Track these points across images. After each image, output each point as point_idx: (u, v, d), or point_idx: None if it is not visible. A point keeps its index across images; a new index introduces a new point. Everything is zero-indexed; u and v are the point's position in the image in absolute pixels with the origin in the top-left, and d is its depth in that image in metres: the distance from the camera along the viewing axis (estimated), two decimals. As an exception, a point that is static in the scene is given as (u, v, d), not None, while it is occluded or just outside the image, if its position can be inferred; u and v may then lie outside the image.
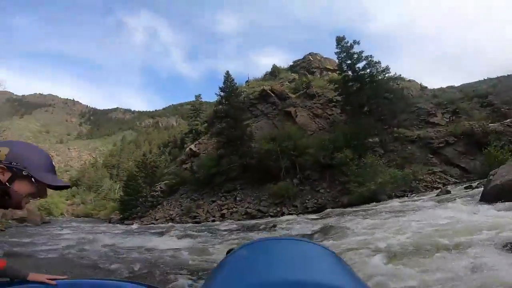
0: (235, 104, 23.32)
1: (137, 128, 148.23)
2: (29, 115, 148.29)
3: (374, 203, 11.76)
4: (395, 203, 10.41)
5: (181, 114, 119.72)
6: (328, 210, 12.68)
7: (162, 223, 18.43)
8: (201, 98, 42.77)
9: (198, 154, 30.45)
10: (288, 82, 32.20)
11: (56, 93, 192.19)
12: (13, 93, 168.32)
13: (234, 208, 17.41)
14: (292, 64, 38.34)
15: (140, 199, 28.81)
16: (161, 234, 9.12)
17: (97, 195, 70.71)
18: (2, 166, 0.88)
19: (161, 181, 31.97)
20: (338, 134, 18.63)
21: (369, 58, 19.91)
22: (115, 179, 76.65)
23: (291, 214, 14.49)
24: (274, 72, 37.31)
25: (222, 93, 24.41)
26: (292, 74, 34.75)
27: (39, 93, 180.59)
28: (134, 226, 16.73)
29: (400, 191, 13.73)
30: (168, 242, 6.85)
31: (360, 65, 20.37)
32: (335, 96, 23.98)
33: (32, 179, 0.92)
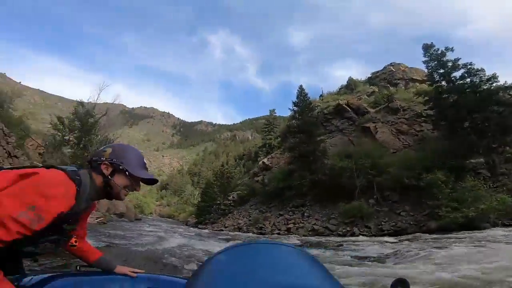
0: (308, 119, 22.82)
1: (217, 140, 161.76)
2: (136, 125, 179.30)
3: (471, 230, 9.79)
4: (499, 231, 8.85)
5: (256, 128, 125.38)
6: (408, 234, 11.13)
7: (230, 231, 19.07)
8: (275, 112, 43.65)
9: (270, 168, 30.93)
10: (367, 95, 30.05)
11: (156, 106, 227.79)
12: (125, 106, 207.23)
13: (300, 224, 16.74)
14: (370, 76, 35.90)
15: (214, 206, 30.78)
16: (227, 240, 9.35)
17: (180, 199, 78.92)
18: (106, 162, 1.10)
19: (234, 191, 33.56)
20: (428, 152, 16.20)
21: (468, 66, 16.79)
22: (196, 186, 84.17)
23: (363, 235, 13.22)
24: (350, 85, 35.41)
25: (295, 108, 24.27)
26: (371, 87, 32.29)
27: (144, 106, 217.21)
28: (206, 230, 17.79)
29: (509, 220, 11.27)
30: None
31: (457, 74, 17.36)
32: (424, 110, 20.97)
33: (127, 172, 1.11)
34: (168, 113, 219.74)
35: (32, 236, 0.89)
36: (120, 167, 1.10)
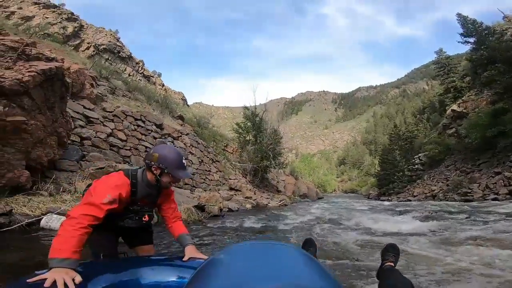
0: (498, 46, 16.90)
1: (384, 101, 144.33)
2: (300, 111, 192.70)
3: None
4: None
5: (430, 75, 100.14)
6: None
7: (421, 200, 16.04)
8: (444, 52, 33.57)
9: (465, 115, 24.05)
10: None
11: (310, 89, 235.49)
12: (286, 97, 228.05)
13: (537, 183, 11.37)
14: None
15: (397, 174, 27.41)
16: (402, 212, 7.63)
17: (360, 171, 76.63)
18: (155, 166, 1.52)
19: (420, 153, 28.59)
20: None
21: None
22: (374, 155, 78.74)
23: None
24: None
25: (470, 40, 18.30)
26: None
27: (301, 92, 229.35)
28: (386, 202, 15.89)
29: None
30: (396, 224, 5.42)
31: None
32: None
33: (170, 174, 1.54)
34: (324, 91, 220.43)
35: (119, 213, 1.49)
36: (166, 171, 1.53)
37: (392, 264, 1.67)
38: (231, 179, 13.93)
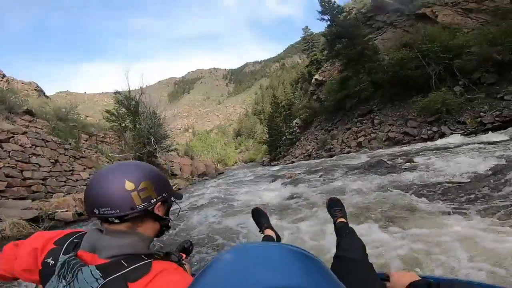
0: (344, 23, 20.07)
1: (268, 74, 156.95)
2: (192, 89, 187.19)
3: None
4: None
5: (301, 50, 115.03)
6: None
7: (301, 160, 18.47)
8: (309, 29, 40.30)
9: (324, 82, 28.41)
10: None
11: (201, 67, 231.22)
12: (176, 77, 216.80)
13: (372, 134, 14.77)
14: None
15: (281, 139, 30.52)
16: (275, 178, 8.43)
17: (254, 140, 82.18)
18: (159, 201, 0.79)
19: (297, 117, 32.44)
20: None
21: None
22: (264, 123, 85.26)
23: (456, 133, 10.54)
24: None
25: (325, 17, 21.34)
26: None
27: (191, 71, 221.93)
28: (274, 167, 17.51)
29: None
30: (265, 192, 5.96)
31: None
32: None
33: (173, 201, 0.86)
34: (214, 68, 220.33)
35: None
36: (172, 199, 0.84)
37: (344, 220, 1.64)
38: (107, 174, 12.11)
